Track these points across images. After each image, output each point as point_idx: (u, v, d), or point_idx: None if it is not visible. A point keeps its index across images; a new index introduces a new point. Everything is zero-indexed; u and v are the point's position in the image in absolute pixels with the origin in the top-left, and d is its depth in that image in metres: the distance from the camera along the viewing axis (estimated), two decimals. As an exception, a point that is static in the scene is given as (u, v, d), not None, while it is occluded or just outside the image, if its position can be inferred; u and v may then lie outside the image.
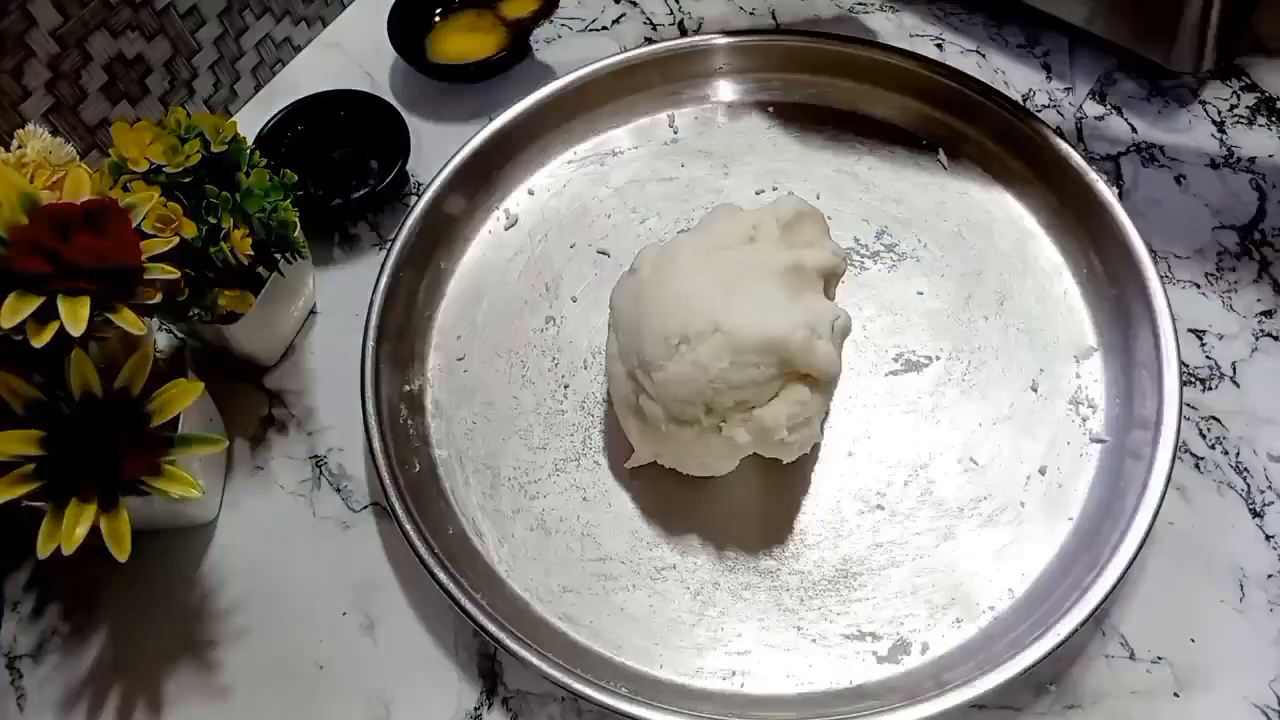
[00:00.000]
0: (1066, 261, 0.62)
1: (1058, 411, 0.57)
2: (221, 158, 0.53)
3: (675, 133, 0.69)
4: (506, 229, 0.66)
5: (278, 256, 0.56)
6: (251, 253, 0.53)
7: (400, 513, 0.53)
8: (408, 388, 0.60)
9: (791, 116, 0.69)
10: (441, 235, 0.64)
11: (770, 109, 0.70)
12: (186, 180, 0.52)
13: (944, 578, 0.53)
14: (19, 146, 0.49)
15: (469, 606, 0.50)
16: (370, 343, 0.58)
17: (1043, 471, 0.56)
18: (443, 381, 0.61)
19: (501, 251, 0.65)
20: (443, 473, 0.58)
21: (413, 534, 0.52)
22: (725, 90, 0.70)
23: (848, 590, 0.53)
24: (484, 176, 0.66)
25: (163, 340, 0.63)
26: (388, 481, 0.54)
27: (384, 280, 0.60)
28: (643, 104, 0.70)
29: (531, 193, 0.67)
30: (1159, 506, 0.51)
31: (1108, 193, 0.61)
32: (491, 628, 0.50)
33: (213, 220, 0.51)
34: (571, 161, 0.69)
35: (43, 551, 0.44)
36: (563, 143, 0.69)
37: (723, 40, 0.70)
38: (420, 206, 0.63)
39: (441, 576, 0.51)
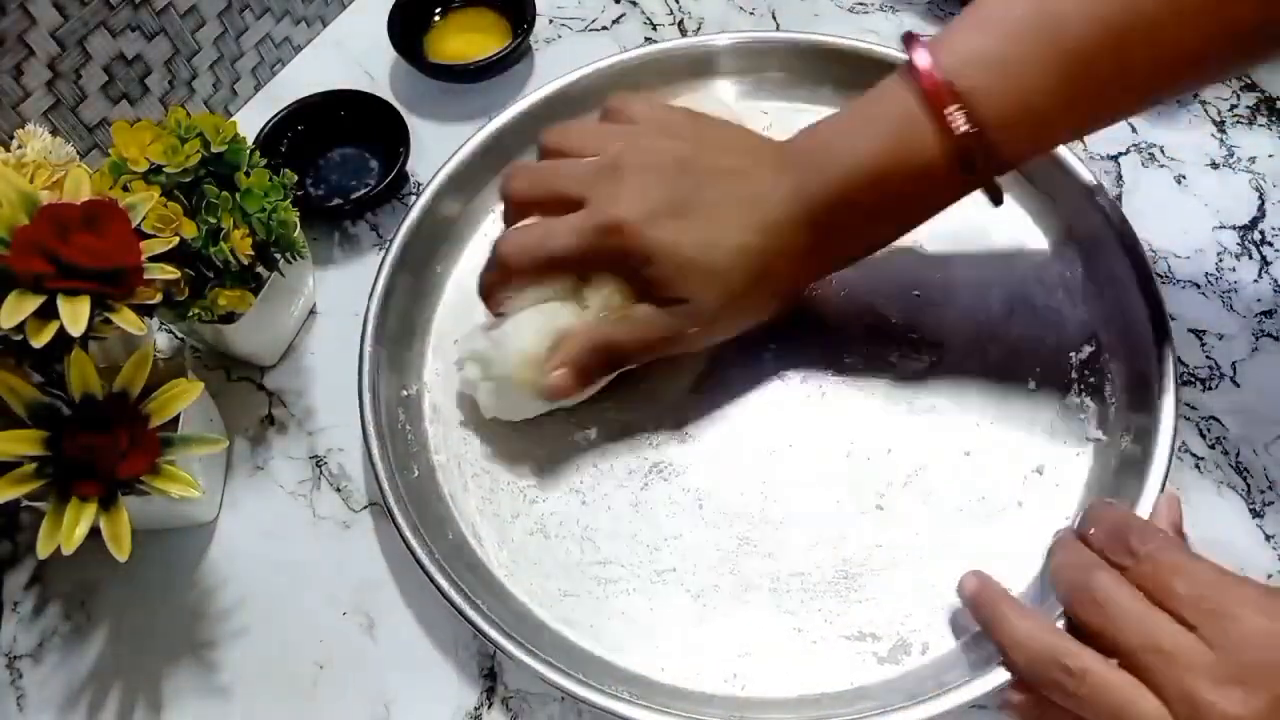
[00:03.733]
0: (1066, 261, 0.62)
1: (1056, 411, 0.57)
2: (221, 158, 0.53)
3: (675, 133, 0.69)
4: (506, 229, 0.66)
5: (278, 256, 0.56)
6: (251, 253, 0.53)
7: (400, 518, 0.53)
8: (405, 392, 0.60)
9: (791, 117, 0.69)
10: (439, 237, 0.64)
11: (769, 109, 0.69)
12: (186, 180, 0.52)
13: (944, 578, 0.53)
14: (19, 146, 0.49)
15: (469, 612, 0.50)
16: (368, 348, 0.58)
17: (1040, 471, 0.56)
18: (440, 386, 0.61)
19: (501, 252, 0.65)
20: (441, 477, 0.57)
21: (412, 540, 0.52)
22: (725, 90, 0.70)
23: (848, 591, 0.53)
24: (483, 177, 0.66)
25: (163, 340, 0.63)
26: (387, 488, 0.54)
27: (380, 284, 0.60)
28: (642, 104, 0.70)
29: (531, 193, 0.67)
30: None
31: (1108, 193, 0.60)
32: (492, 633, 0.49)
33: (213, 220, 0.51)
34: (571, 162, 0.68)
35: (43, 551, 0.44)
36: (562, 143, 0.69)
37: (723, 40, 0.70)
38: (418, 208, 0.63)
39: (442, 582, 0.51)
